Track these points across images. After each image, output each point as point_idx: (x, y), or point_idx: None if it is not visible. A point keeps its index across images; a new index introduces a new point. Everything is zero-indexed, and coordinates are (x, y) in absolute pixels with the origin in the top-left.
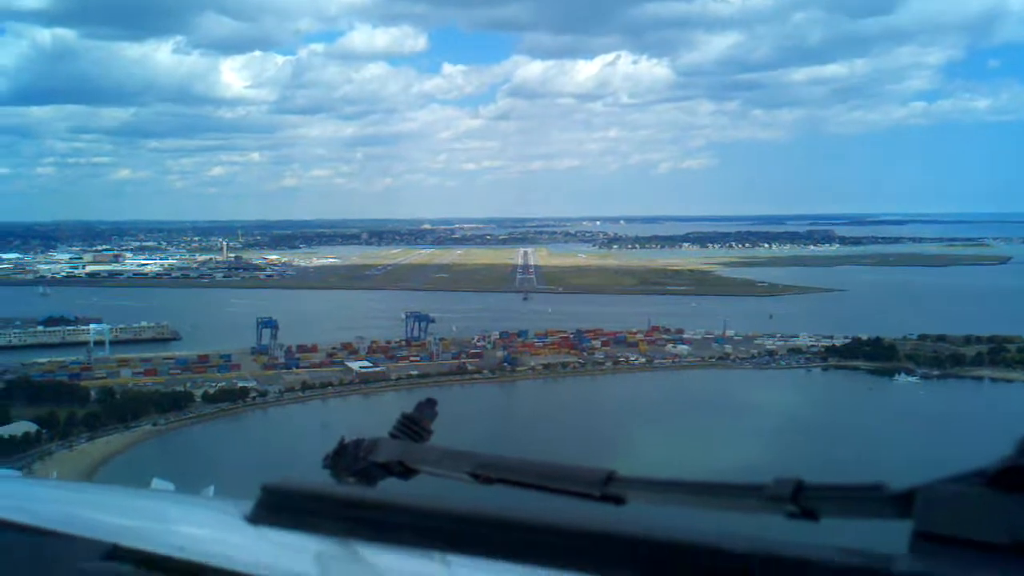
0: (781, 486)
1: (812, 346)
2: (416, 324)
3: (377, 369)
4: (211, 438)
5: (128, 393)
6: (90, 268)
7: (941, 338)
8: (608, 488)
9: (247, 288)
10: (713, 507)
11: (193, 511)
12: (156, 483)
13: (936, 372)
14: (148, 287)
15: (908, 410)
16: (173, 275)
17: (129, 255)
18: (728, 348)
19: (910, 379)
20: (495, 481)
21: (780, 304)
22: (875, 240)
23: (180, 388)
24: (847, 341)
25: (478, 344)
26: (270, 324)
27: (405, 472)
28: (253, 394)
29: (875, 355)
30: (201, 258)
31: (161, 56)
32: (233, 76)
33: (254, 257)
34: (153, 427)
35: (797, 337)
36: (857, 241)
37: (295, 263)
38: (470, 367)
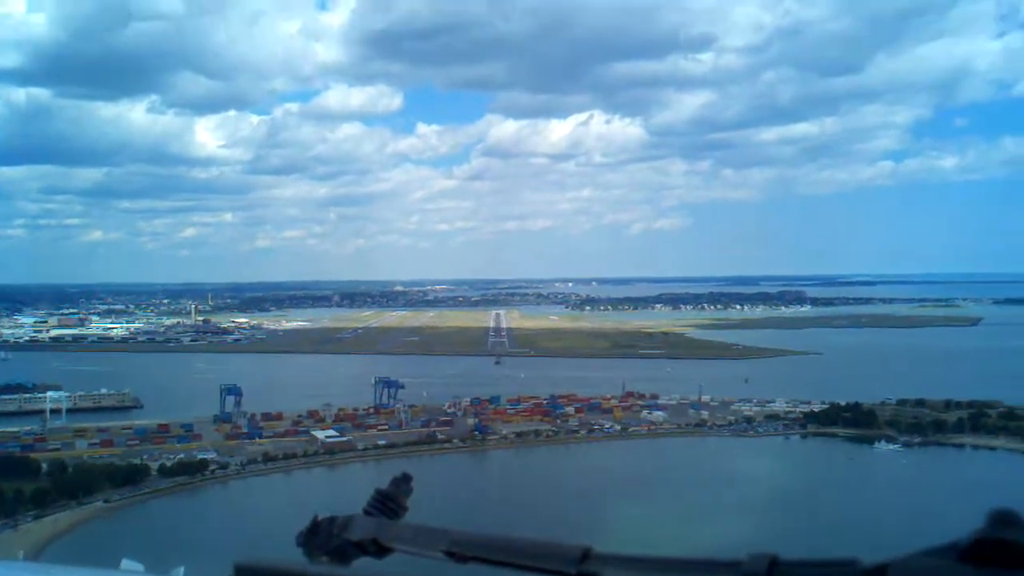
0: (756, 562)
1: (790, 412)
2: (385, 390)
3: (343, 439)
4: (166, 515)
5: (81, 466)
6: (54, 332)
7: (920, 403)
8: (584, 566)
9: (214, 352)
10: None
11: None
12: (125, 563)
13: (917, 439)
14: (113, 352)
15: (890, 480)
16: (139, 339)
17: (96, 318)
18: (704, 414)
19: (891, 447)
20: (470, 559)
21: (755, 367)
22: (846, 301)
23: (137, 460)
24: (825, 407)
25: (449, 411)
26: (234, 391)
27: (379, 551)
28: (213, 466)
29: (854, 421)
30: (169, 321)
31: (135, 115)
32: (207, 136)
33: (223, 320)
34: (105, 504)
35: (774, 402)
36: (828, 302)
37: (265, 326)
38: (440, 436)
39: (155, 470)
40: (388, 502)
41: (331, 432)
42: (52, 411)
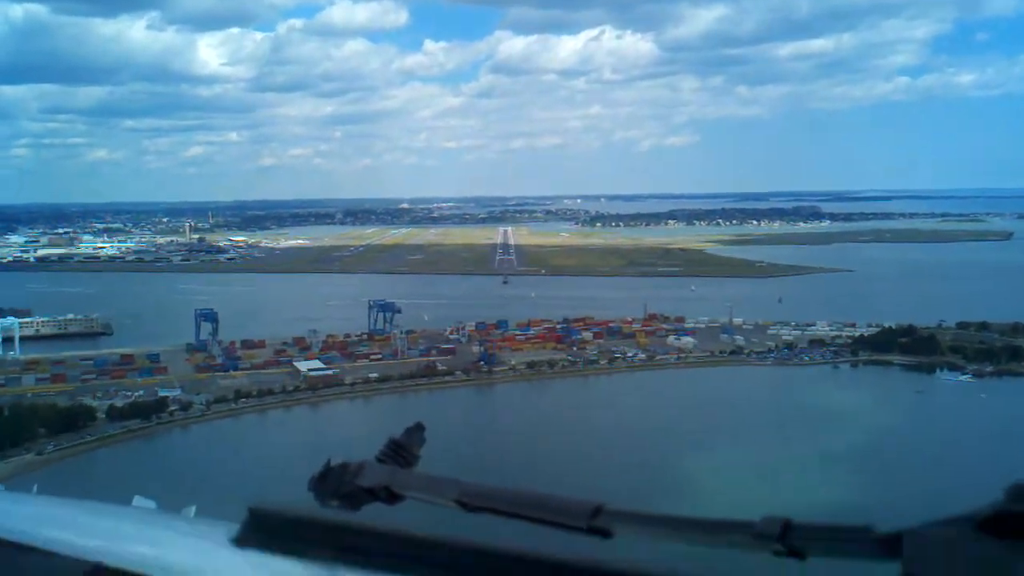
0: (769, 524)
1: (836, 337)
2: (381, 315)
3: (329, 372)
4: (106, 471)
5: (19, 407)
6: (42, 252)
7: (983, 326)
8: (596, 521)
9: (205, 272)
10: (701, 543)
11: (178, 532)
12: (137, 500)
13: (989, 368)
14: (99, 272)
15: (975, 417)
16: (127, 259)
17: (89, 237)
18: (739, 340)
19: (962, 378)
20: (481, 509)
21: (784, 286)
22: (865, 216)
23: (89, 399)
24: (875, 330)
25: (451, 337)
26: (210, 317)
27: (391, 498)
28: (173, 407)
29: (912, 348)
30: (162, 240)
31: (135, 33)
32: (210, 53)
33: (220, 239)
34: (37, 456)
35: (814, 325)
36: (847, 217)
37: (262, 244)
38: (441, 366)
39: (103, 412)
40: (401, 451)
41: (316, 364)
42: (5, 339)
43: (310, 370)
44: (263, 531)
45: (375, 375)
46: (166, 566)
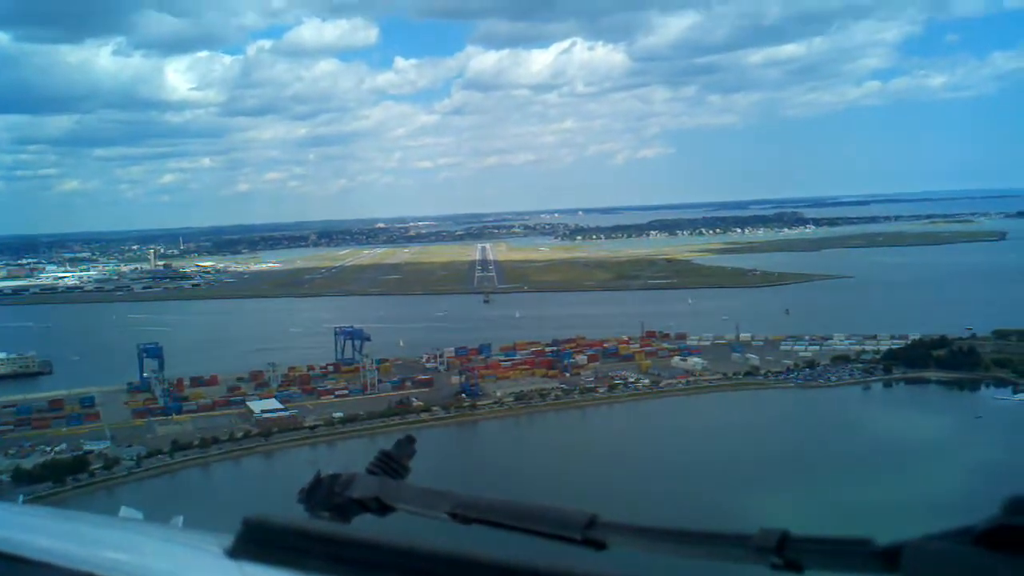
0: (767, 537)
1: (861, 352)
2: (349, 343)
3: (285, 413)
4: None
5: None
6: None
7: None
8: (590, 532)
9: (166, 301)
10: (697, 556)
11: (168, 542)
12: (124, 511)
13: None
14: (55, 304)
15: None
16: (85, 288)
17: (53, 268)
18: (752, 359)
19: (1018, 396)
20: (473, 521)
21: (784, 295)
22: (849, 221)
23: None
24: (901, 343)
25: (428, 366)
26: (154, 352)
27: (382, 509)
28: (97, 464)
29: (950, 362)
30: (126, 268)
31: (101, 60)
32: (178, 78)
33: (187, 265)
34: None
35: (832, 339)
36: (831, 222)
37: (231, 269)
38: (416, 401)
39: (9, 474)
40: (391, 462)
41: (272, 403)
42: None
43: (264, 411)
44: (257, 542)
45: (340, 414)
46: None
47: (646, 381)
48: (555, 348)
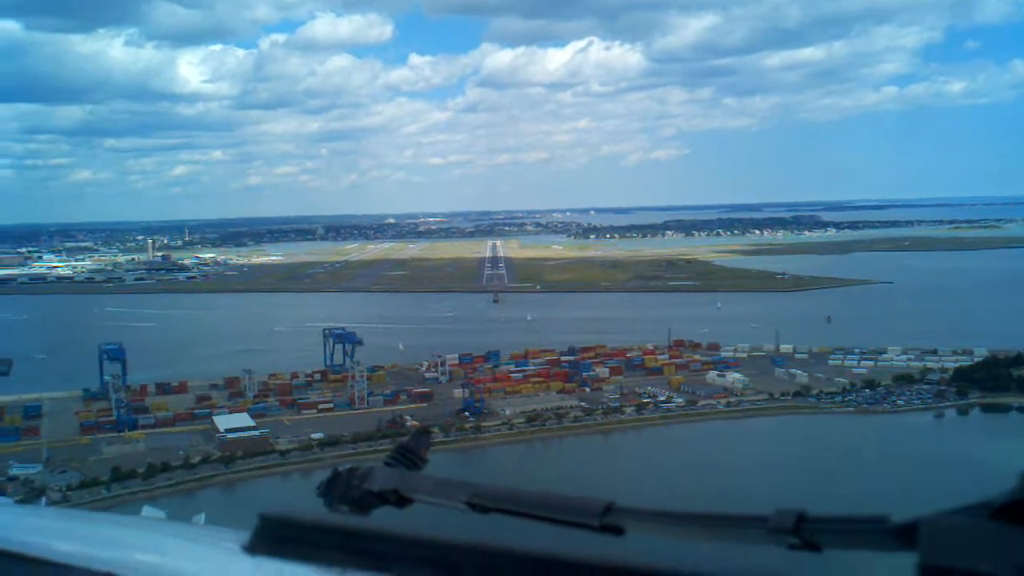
0: (783, 518)
1: (924, 370)
2: (339, 346)
3: (255, 433)
4: None
5: None
6: None
7: None
8: (607, 518)
9: (157, 293)
10: (714, 539)
11: (190, 540)
12: (147, 511)
13: None
14: (42, 294)
15: None
16: (76, 279)
17: (51, 257)
18: (799, 375)
19: None
20: (492, 510)
21: (819, 301)
22: (870, 224)
23: None
24: (967, 359)
25: (428, 375)
26: (116, 353)
27: (400, 501)
28: (16, 497)
29: None
30: (123, 259)
31: (114, 50)
32: (191, 70)
33: (186, 256)
34: None
35: (885, 353)
36: (852, 226)
37: (231, 262)
38: (410, 419)
39: None
40: (408, 454)
41: (242, 419)
42: None
43: (230, 430)
44: (274, 537)
45: (319, 435)
46: (178, 574)
47: (680, 400)
48: (572, 358)
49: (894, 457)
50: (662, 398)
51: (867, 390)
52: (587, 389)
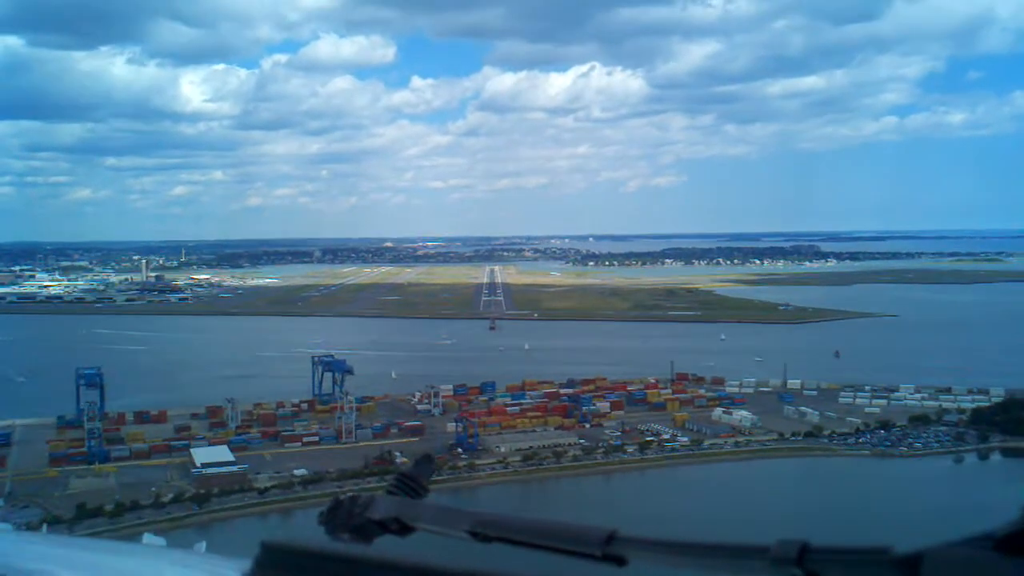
0: (786, 548)
1: (941, 410)
2: (328, 375)
3: (233, 468)
4: None
5: None
6: None
7: None
8: (610, 548)
9: (148, 315)
10: (717, 569)
11: (190, 569)
12: (147, 538)
13: None
14: (31, 314)
15: None
16: (66, 299)
17: (44, 276)
18: (809, 413)
19: None
20: (494, 539)
21: (825, 334)
22: (870, 256)
23: None
24: (983, 399)
25: (420, 407)
26: (94, 379)
27: (402, 529)
28: None
29: None
30: (116, 279)
31: (116, 68)
32: (192, 89)
33: (180, 278)
34: None
35: (898, 391)
36: (853, 256)
37: (226, 283)
38: (400, 456)
39: None
40: (410, 482)
41: (220, 452)
42: None
43: (206, 464)
44: (276, 566)
45: (302, 471)
46: None
47: (684, 439)
48: (571, 391)
49: (915, 506)
50: (666, 436)
51: (882, 431)
52: (587, 425)
